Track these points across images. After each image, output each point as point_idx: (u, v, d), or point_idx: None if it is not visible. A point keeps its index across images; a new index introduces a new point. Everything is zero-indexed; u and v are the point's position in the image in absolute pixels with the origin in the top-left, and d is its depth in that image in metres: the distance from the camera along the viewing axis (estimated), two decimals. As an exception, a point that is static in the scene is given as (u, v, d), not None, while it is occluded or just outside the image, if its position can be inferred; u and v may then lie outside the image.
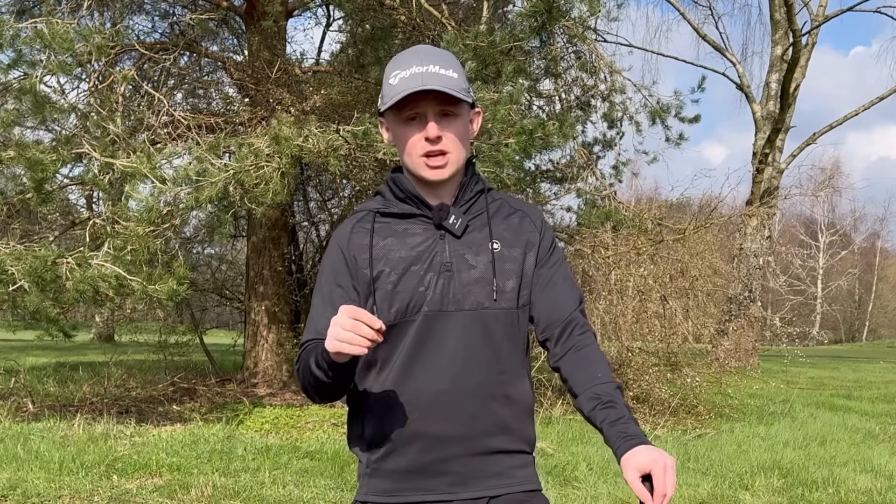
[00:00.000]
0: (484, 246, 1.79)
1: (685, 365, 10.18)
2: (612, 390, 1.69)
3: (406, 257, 1.77)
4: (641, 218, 10.56)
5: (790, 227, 47.88)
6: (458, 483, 1.74)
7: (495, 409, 1.75)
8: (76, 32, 7.37)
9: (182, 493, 5.46)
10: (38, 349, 16.27)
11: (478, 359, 1.74)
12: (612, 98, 11.09)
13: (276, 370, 10.59)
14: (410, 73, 1.72)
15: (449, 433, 1.72)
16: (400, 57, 1.80)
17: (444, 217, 1.78)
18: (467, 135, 1.81)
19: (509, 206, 1.88)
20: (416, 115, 1.75)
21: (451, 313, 1.74)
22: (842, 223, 52.47)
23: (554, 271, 1.84)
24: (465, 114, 1.80)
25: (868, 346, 42.95)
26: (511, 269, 1.79)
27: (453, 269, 1.76)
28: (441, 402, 1.72)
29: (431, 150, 1.75)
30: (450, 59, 1.79)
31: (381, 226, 1.83)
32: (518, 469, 1.79)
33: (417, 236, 1.79)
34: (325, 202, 12.98)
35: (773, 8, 19.19)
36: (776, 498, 6.01)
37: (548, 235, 1.87)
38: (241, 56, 11.57)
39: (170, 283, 7.04)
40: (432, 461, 1.73)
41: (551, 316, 1.80)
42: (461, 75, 1.77)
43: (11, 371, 9.29)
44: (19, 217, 8.44)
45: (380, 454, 1.77)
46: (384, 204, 1.85)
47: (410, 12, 9.39)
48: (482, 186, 1.87)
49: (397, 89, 1.73)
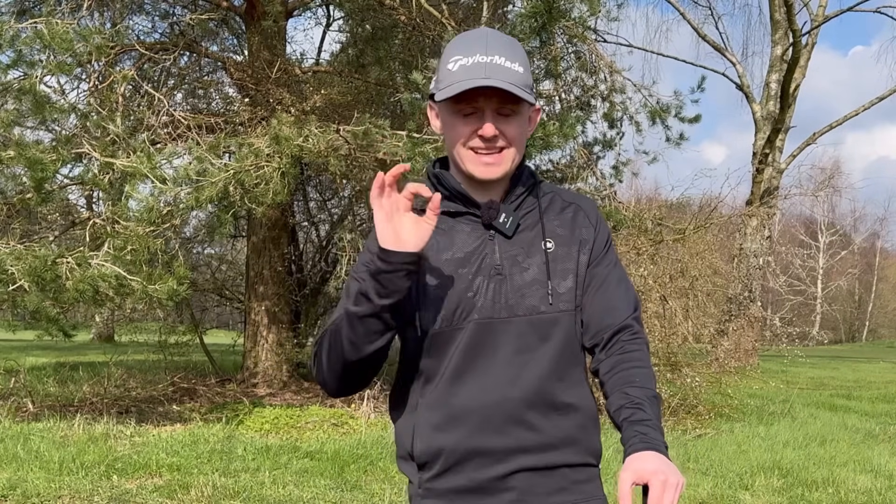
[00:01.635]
0: (536, 246, 1.66)
1: (685, 365, 10.17)
2: (647, 396, 1.55)
3: (452, 259, 1.64)
4: (641, 218, 10.55)
5: (790, 227, 47.88)
6: (519, 500, 1.61)
7: (557, 420, 1.62)
8: (76, 33, 7.37)
9: (182, 493, 5.46)
10: (38, 349, 16.26)
11: (534, 367, 1.61)
12: (612, 98, 11.09)
13: (276, 370, 10.59)
14: (473, 62, 1.58)
15: (507, 448, 1.60)
16: (464, 39, 1.65)
17: (494, 216, 1.65)
18: (525, 134, 1.68)
19: (562, 200, 1.74)
20: (474, 109, 1.61)
21: (504, 320, 1.61)
22: (842, 223, 52.49)
23: (608, 271, 1.70)
24: (525, 111, 1.66)
25: (868, 346, 42.95)
26: (567, 269, 1.66)
27: (504, 273, 1.63)
28: (497, 416, 1.59)
29: (488, 148, 1.62)
30: (517, 51, 1.63)
31: None
32: (584, 483, 1.65)
33: (466, 236, 1.66)
34: (325, 202, 12.99)
35: (773, 8, 19.19)
36: (776, 498, 6.01)
37: (603, 231, 1.73)
38: (241, 56, 11.57)
39: (170, 283, 7.04)
40: (491, 479, 1.60)
41: (602, 321, 1.66)
42: (527, 70, 1.63)
43: (11, 371, 9.30)
44: (19, 217, 8.44)
45: (433, 473, 1.63)
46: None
47: (410, 12, 9.40)
48: (533, 180, 1.72)
49: (456, 77, 1.58)
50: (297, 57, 12.05)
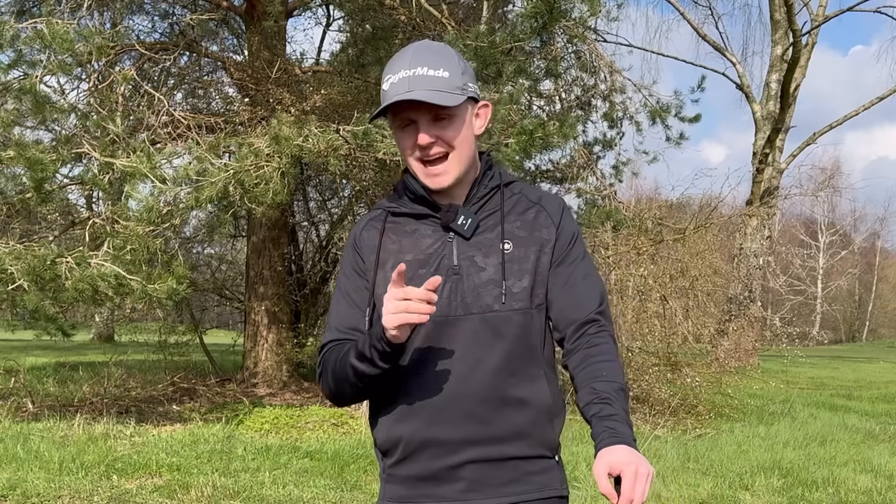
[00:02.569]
0: (494, 247, 1.73)
1: (685, 365, 10.18)
2: (614, 390, 1.62)
3: (414, 261, 1.72)
4: (641, 218, 10.56)
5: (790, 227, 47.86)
6: (471, 490, 1.69)
7: (508, 414, 1.69)
8: (76, 33, 7.36)
9: (182, 493, 5.46)
10: (38, 349, 16.26)
11: (487, 363, 1.68)
12: (612, 98, 11.09)
13: (276, 370, 10.59)
14: (399, 77, 1.67)
15: (459, 439, 1.68)
16: (393, 59, 1.73)
17: (452, 219, 1.73)
18: (470, 133, 1.73)
19: (527, 201, 1.80)
20: (410, 121, 1.69)
21: (459, 318, 1.69)
22: (842, 223, 52.43)
23: (573, 269, 1.76)
24: (464, 112, 1.71)
25: (868, 346, 42.93)
26: (524, 269, 1.72)
27: (462, 273, 1.71)
28: (451, 409, 1.67)
29: (427, 156, 1.70)
30: (444, 56, 1.70)
31: (392, 226, 1.78)
32: (537, 475, 1.72)
33: (427, 238, 1.75)
34: (325, 202, 12.99)
35: (773, 8, 19.18)
36: (776, 498, 6.01)
37: (568, 228, 1.79)
38: (241, 56, 11.57)
39: (169, 283, 7.04)
40: (444, 468, 1.69)
41: (569, 317, 1.73)
42: (456, 72, 1.69)
43: (11, 371, 9.29)
44: (19, 217, 8.44)
45: (393, 460, 1.74)
46: (398, 203, 1.80)
47: (410, 12, 9.39)
48: (498, 181, 1.79)
49: (387, 96, 1.68)
50: (297, 57, 12.06)
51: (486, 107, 1.80)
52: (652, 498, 5.71)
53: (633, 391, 9.74)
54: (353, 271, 1.80)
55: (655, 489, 5.88)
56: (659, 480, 6.24)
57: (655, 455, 7.24)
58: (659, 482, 6.19)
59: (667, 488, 6.10)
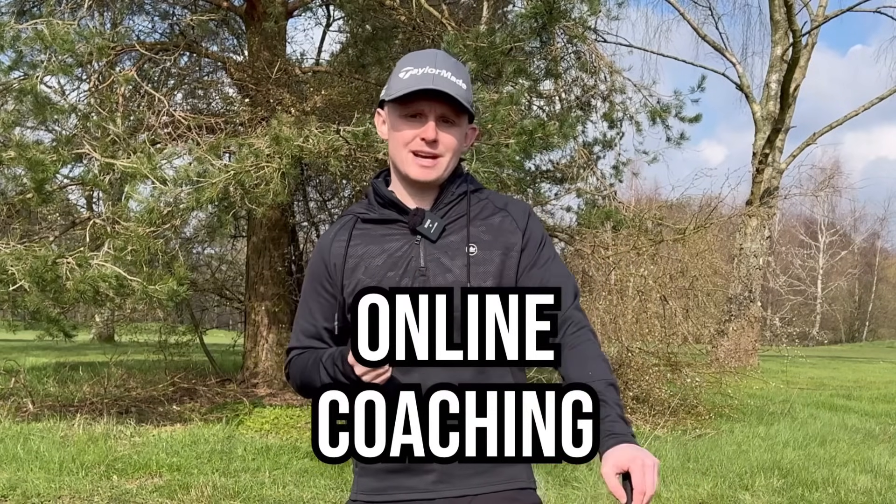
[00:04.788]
0: (460, 249, 1.79)
1: (685, 365, 10.17)
2: (604, 388, 1.67)
3: (383, 264, 1.79)
4: (641, 218, 10.56)
5: (790, 227, 47.91)
6: (441, 481, 1.75)
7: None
8: (76, 33, 7.38)
9: (182, 493, 5.47)
10: (38, 349, 16.27)
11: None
12: (612, 98, 11.10)
13: (276, 370, 10.59)
14: (423, 72, 1.74)
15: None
16: (415, 55, 1.82)
17: (419, 222, 1.80)
18: (461, 146, 1.83)
19: (493, 206, 1.88)
20: (419, 113, 1.76)
21: None
22: (842, 223, 52.50)
23: (543, 272, 1.83)
24: (464, 126, 1.83)
25: (868, 346, 42.95)
26: (487, 272, 1.78)
27: (428, 274, 1.77)
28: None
29: (425, 150, 1.77)
30: (462, 71, 1.81)
31: (360, 232, 1.85)
32: (505, 467, 1.79)
33: (395, 242, 1.81)
34: (325, 202, 12.99)
35: (773, 8, 19.19)
36: (776, 498, 6.01)
37: (535, 233, 1.86)
38: (241, 56, 11.57)
39: (170, 284, 7.05)
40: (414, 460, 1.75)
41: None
42: (469, 89, 1.81)
43: (11, 371, 9.30)
44: (20, 217, 8.45)
45: None
46: (367, 209, 1.87)
47: (411, 12, 9.40)
48: (465, 188, 1.87)
49: (406, 84, 1.74)
50: (297, 57, 12.07)
51: (474, 130, 1.91)
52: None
53: (633, 391, 9.75)
54: (316, 280, 1.88)
55: (655, 489, 5.88)
56: (659, 480, 6.24)
57: (655, 455, 7.22)
58: (659, 482, 6.19)
59: (667, 488, 6.10)
